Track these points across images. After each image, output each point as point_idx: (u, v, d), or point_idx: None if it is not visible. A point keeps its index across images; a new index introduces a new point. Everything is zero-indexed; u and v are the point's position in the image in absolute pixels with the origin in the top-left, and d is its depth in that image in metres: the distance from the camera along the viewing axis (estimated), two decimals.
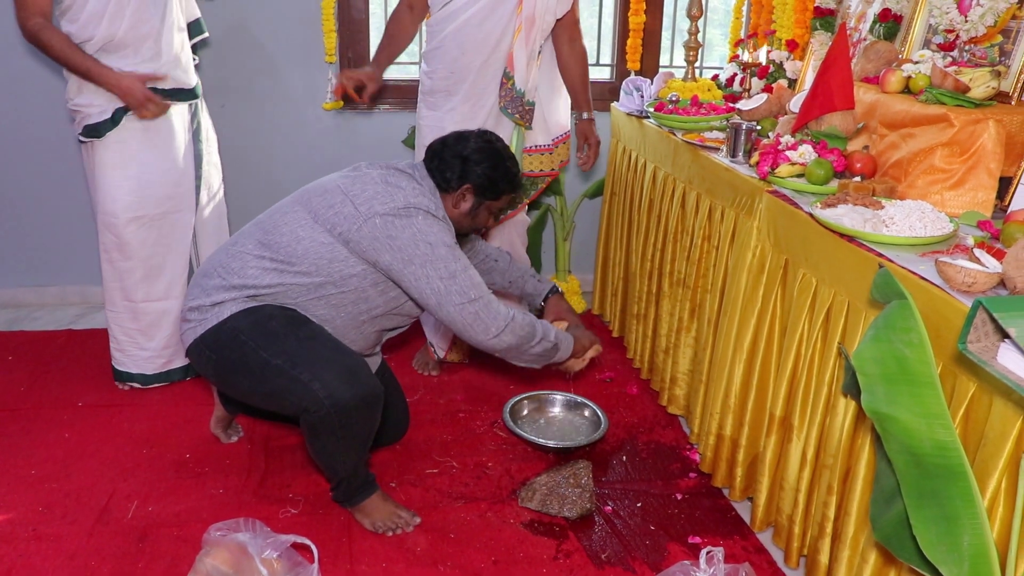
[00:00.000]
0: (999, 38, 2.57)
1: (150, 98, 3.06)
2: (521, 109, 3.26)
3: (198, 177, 3.31)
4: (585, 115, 3.49)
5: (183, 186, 3.26)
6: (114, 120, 3.08)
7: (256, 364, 2.39)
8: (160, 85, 3.12)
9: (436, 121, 3.23)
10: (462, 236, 2.76)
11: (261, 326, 2.42)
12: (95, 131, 3.09)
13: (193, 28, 3.34)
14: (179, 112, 3.23)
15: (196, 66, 3.34)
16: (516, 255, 3.62)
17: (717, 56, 4.83)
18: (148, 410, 3.20)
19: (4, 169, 4.02)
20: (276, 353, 2.38)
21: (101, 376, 3.43)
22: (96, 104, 3.07)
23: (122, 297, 3.26)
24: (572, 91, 3.47)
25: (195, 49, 3.37)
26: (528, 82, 3.24)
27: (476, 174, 2.58)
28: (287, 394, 2.38)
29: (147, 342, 3.31)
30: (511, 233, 3.53)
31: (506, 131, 3.29)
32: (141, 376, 3.33)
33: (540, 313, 2.99)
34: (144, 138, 3.14)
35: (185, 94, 3.23)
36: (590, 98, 3.48)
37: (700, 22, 3.76)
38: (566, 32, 3.35)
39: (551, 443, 2.96)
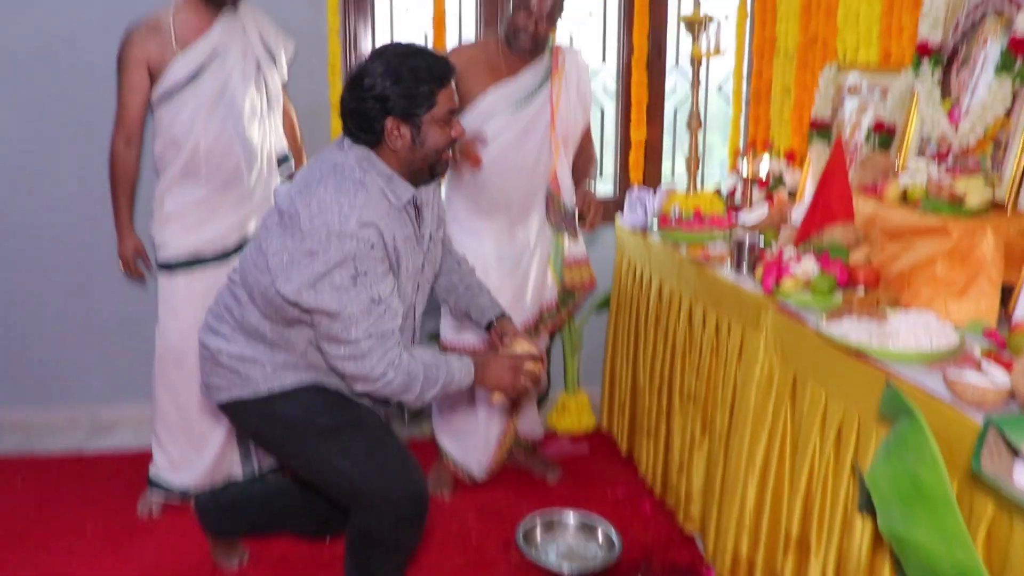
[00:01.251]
0: (990, 148, 2.62)
1: (136, 272, 3.40)
2: (572, 225, 3.39)
3: None
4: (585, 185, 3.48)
5: None
6: (189, 264, 3.26)
7: (318, 459, 2.40)
8: (221, 245, 3.29)
9: (478, 247, 3.27)
10: (431, 176, 2.39)
11: (315, 418, 2.39)
12: (168, 267, 3.27)
13: (282, 163, 3.48)
14: None
15: None
16: None
17: (717, 159, 4.91)
18: (158, 537, 3.18)
19: (12, 286, 4.07)
20: (340, 453, 2.37)
21: (110, 502, 3.42)
22: (173, 245, 3.25)
23: (177, 416, 3.32)
24: (577, 177, 3.44)
25: None
26: (571, 197, 3.36)
27: (389, 101, 2.19)
28: (351, 496, 2.39)
29: (197, 458, 3.36)
30: None
31: (548, 243, 3.42)
32: (182, 492, 3.35)
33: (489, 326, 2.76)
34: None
35: None
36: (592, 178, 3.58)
37: (703, 104, 3.82)
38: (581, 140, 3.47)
39: (565, 567, 2.90)
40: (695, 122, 3.72)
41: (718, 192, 3.96)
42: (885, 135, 3.07)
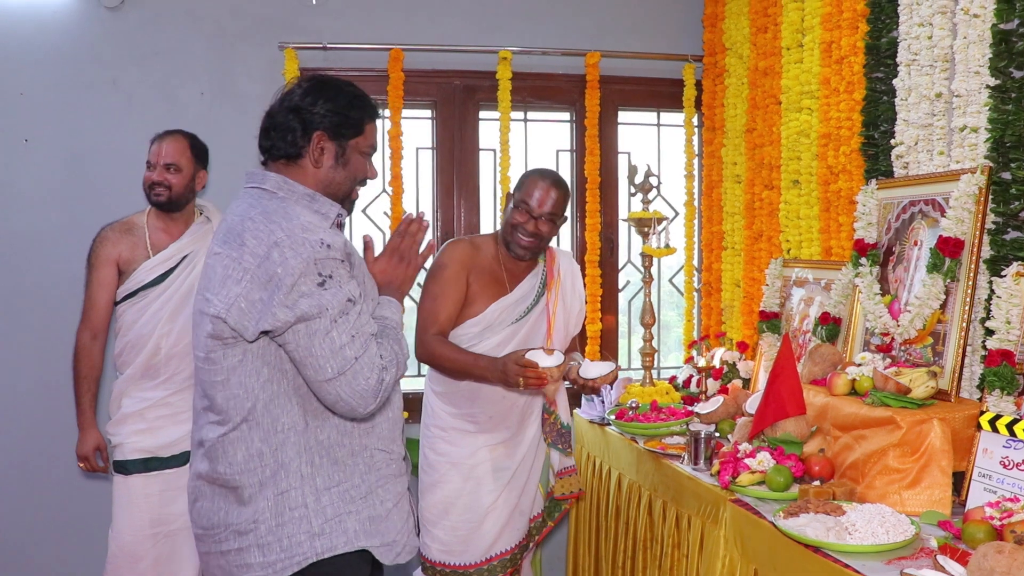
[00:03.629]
0: (930, 339, 2.72)
1: (92, 467, 3.30)
2: (565, 440, 3.33)
3: None
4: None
5: None
6: (146, 465, 3.21)
7: None
8: (179, 449, 3.22)
9: (473, 463, 3.14)
10: (349, 200, 2.29)
11: None
12: (123, 468, 3.21)
13: None
14: None
15: None
16: None
17: (674, 337, 5.01)
18: None
19: None
20: None
21: None
22: (129, 446, 3.21)
23: None
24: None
25: None
26: (566, 414, 3.36)
27: (319, 115, 2.15)
28: None
29: None
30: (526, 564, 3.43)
31: (542, 457, 3.30)
32: None
33: None
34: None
35: None
36: None
37: (656, 296, 3.91)
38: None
39: None
40: (648, 317, 3.83)
41: (674, 382, 4.03)
42: (832, 326, 3.19)
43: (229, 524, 2.09)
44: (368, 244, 2.36)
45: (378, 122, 2.29)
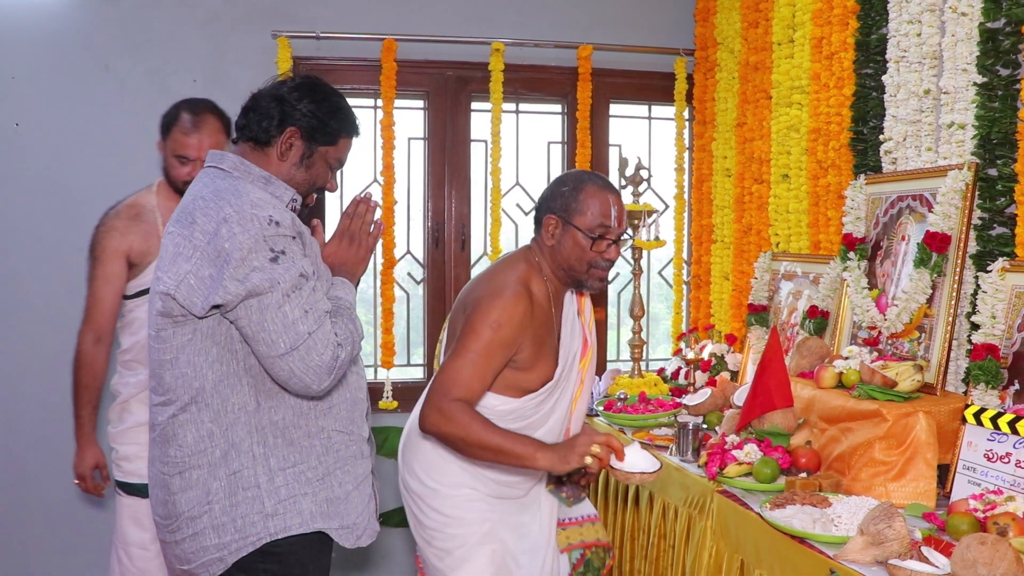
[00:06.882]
0: (916, 333, 2.75)
1: (94, 488, 2.97)
2: (577, 492, 2.69)
3: None
4: None
5: None
6: None
7: None
8: None
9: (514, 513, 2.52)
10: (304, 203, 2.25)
11: None
12: (137, 491, 2.85)
13: None
14: None
15: None
16: None
17: (663, 329, 5.04)
18: None
19: None
20: None
21: None
22: (143, 456, 2.67)
23: None
24: None
25: None
26: None
27: (300, 113, 2.15)
28: None
29: None
30: None
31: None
32: None
33: None
34: None
35: None
36: None
37: (645, 289, 3.94)
38: None
39: None
40: (638, 309, 3.85)
41: (662, 374, 4.06)
42: (820, 319, 3.21)
43: (180, 513, 2.09)
44: (316, 228, 2.35)
45: (354, 140, 2.29)
